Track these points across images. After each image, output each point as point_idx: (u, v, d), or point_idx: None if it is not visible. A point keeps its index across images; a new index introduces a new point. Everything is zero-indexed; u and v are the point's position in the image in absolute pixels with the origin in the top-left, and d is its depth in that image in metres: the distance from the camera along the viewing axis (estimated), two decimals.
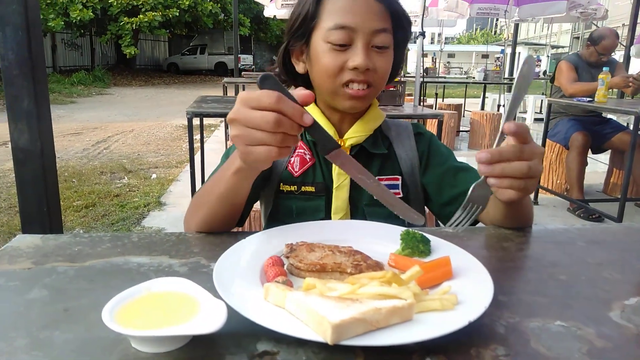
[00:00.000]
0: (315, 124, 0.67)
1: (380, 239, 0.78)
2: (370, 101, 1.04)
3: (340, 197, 1.02)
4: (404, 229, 0.77)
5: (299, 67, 1.05)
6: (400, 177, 1.08)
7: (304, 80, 1.06)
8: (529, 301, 0.63)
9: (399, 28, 0.99)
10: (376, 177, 1.05)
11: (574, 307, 0.62)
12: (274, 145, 0.65)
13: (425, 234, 0.75)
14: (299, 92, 0.67)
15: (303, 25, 0.98)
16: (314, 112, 1.05)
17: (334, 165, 1.02)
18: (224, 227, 0.89)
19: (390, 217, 0.84)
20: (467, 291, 0.60)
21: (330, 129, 1.04)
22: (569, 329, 0.57)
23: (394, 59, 1.02)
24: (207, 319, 0.51)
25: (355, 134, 1.04)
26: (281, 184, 1.05)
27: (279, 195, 1.05)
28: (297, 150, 1.07)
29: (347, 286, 0.58)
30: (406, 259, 0.70)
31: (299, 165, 1.05)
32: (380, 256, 0.72)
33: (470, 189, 0.76)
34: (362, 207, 1.03)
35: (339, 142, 1.03)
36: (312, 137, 0.71)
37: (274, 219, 1.06)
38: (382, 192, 0.75)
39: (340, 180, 1.03)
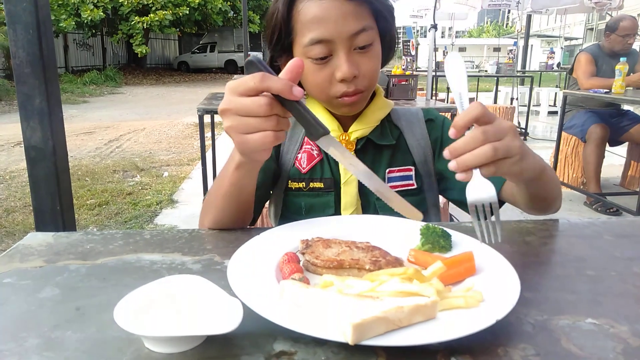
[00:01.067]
0: (301, 107, 0.64)
1: (398, 234, 0.76)
2: (366, 100, 0.99)
3: (349, 192, 0.99)
4: (422, 223, 0.74)
5: None
6: (413, 167, 1.04)
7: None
8: (556, 298, 0.61)
9: (381, 17, 0.93)
10: (388, 169, 1.02)
11: (605, 304, 0.59)
12: (269, 129, 0.64)
13: (445, 229, 0.72)
14: (289, 65, 0.64)
15: (280, 42, 0.93)
16: (314, 106, 1.02)
17: None
18: (235, 224, 0.88)
19: None
20: (492, 288, 0.57)
21: (333, 123, 1.01)
22: (601, 327, 0.54)
23: (385, 41, 0.97)
24: (223, 318, 0.49)
25: (360, 127, 1.01)
26: (289, 181, 1.02)
27: (288, 192, 1.03)
28: (304, 146, 1.04)
29: (366, 283, 0.56)
30: (427, 255, 0.67)
31: (307, 162, 1.02)
32: (399, 252, 0.69)
33: (466, 191, 0.67)
34: (373, 201, 1.00)
35: (344, 136, 1.00)
36: (300, 122, 0.66)
37: (283, 217, 1.04)
38: (377, 184, 0.70)
39: (347, 175, 1.00)
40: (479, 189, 0.65)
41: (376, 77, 0.96)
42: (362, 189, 1.00)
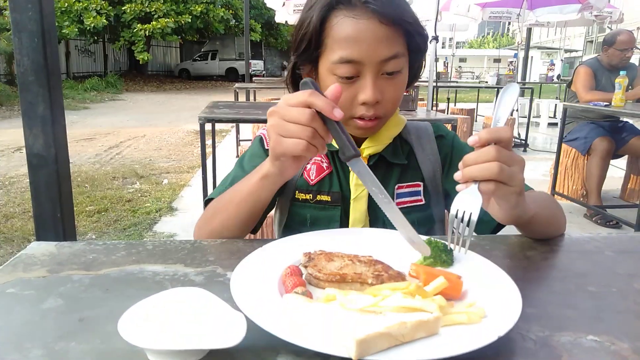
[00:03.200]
0: (340, 127, 0.70)
1: (400, 248, 0.76)
2: (380, 128, 0.99)
3: (358, 208, 0.99)
4: (425, 237, 0.75)
5: None
6: (421, 183, 1.04)
7: None
8: (558, 314, 0.61)
9: (414, 46, 0.92)
10: (397, 185, 1.02)
11: (606, 320, 0.60)
12: (303, 138, 0.69)
13: (447, 243, 0.73)
14: (330, 89, 0.70)
15: (308, 52, 0.92)
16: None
17: (351, 176, 1.00)
18: (238, 234, 0.89)
19: (412, 226, 0.82)
20: (494, 303, 0.58)
21: None
22: (602, 344, 0.54)
23: (411, 71, 0.97)
24: (226, 332, 0.50)
25: (373, 144, 1.00)
26: (297, 191, 1.02)
27: (294, 202, 1.03)
28: (314, 158, 1.04)
29: (368, 298, 0.56)
30: (428, 269, 0.68)
31: (316, 173, 1.02)
32: (401, 265, 0.69)
33: (455, 196, 0.69)
34: (382, 217, 1.00)
35: None
36: (335, 140, 0.70)
37: (287, 227, 1.04)
38: (393, 212, 0.72)
39: (358, 191, 0.99)
40: (467, 198, 0.68)
41: (397, 104, 0.95)
42: (372, 205, 1.00)
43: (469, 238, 0.68)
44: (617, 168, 4.76)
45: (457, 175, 0.67)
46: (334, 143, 1.03)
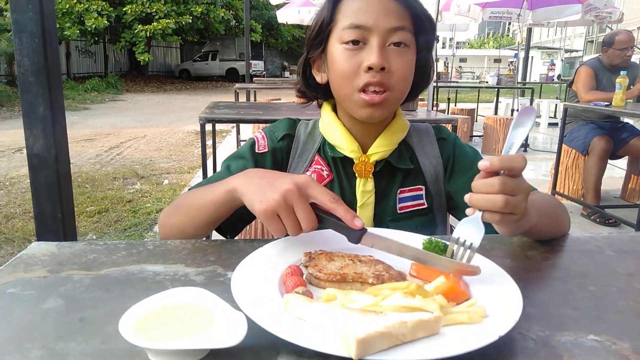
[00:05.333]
0: (336, 217, 0.69)
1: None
2: (389, 109, 0.96)
3: (364, 215, 0.98)
4: (425, 237, 0.74)
5: (319, 78, 1.00)
6: (424, 186, 1.03)
7: (325, 92, 1.02)
8: (559, 314, 0.61)
9: (421, 30, 0.94)
10: (399, 189, 1.01)
11: (607, 320, 0.60)
12: (288, 228, 0.70)
13: (448, 243, 0.73)
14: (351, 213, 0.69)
15: (320, 32, 0.94)
16: (335, 125, 1.00)
17: (358, 182, 0.98)
18: (188, 238, 0.88)
19: (415, 230, 0.82)
20: (495, 303, 0.58)
21: (353, 144, 0.98)
22: (603, 343, 0.54)
23: (420, 64, 0.97)
24: (226, 332, 0.50)
25: (380, 149, 0.98)
26: None
27: None
28: (313, 166, 1.02)
29: (369, 297, 0.56)
30: (429, 269, 0.68)
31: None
32: (401, 265, 0.69)
33: (458, 223, 0.69)
34: (386, 221, 0.99)
35: (363, 158, 0.98)
36: (338, 231, 0.70)
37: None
38: (418, 253, 0.68)
39: (365, 198, 0.98)
40: (470, 227, 0.67)
41: (407, 80, 0.94)
42: (377, 211, 0.99)
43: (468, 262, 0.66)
44: (619, 168, 4.76)
45: (466, 197, 0.67)
46: (334, 148, 1.02)
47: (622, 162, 4.63)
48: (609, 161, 4.15)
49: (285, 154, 1.04)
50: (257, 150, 1.02)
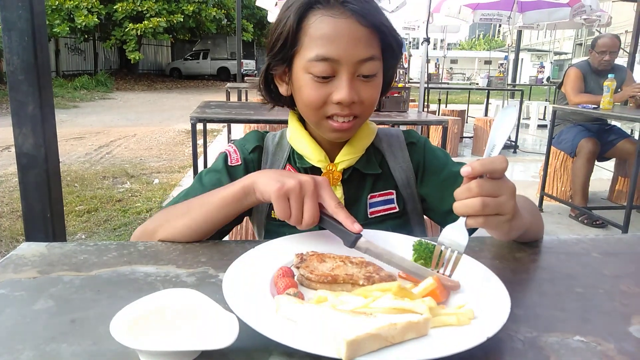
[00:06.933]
0: (334, 219, 0.74)
1: (391, 249, 0.77)
2: (355, 131, 0.96)
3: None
4: (415, 239, 0.75)
5: (282, 89, 0.97)
6: (394, 191, 1.03)
7: (290, 102, 0.99)
8: (546, 315, 0.62)
9: (389, 52, 0.91)
10: (369, 194, 1.01)
11: (593, 321, 0.61)
12: (295, 215, 0.74)
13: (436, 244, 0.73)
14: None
15: (283, 51, 0.89)
16: (302, 136, 1.00)
17: (335, 190, 0.98)
18: (190, 241, 0.86)
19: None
20: (483, 305, 0.59)
21: (320, 153, 0.98)
22: (588, 344, 0.55)
23: (385, 79, 0.95)
24: (218, 333, 0.50)
25: (346, 157, 0.98)
26: (272, 211, 0.99)
27: (271, 222, 1.01)
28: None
29: (360, 299, 0.57)
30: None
31: None
32: (391, 267, 0.70)
33: (443, 229, 0.68)
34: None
35: (330, 167, 0.98)
36: (334, 232, 0.74)
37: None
38: (404, 262, 0.70)
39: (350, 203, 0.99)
40: (453, 234, 0.66)
41: (373, 106, 0.93)
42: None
43: (450, 275, 0.66)
44: (606, 170, 4.82)
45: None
46: (302, 158, 1.01)
47: (610, 164, 4.69)
48: (597, 163, 4.21)
49: (256, 165, 1.03)
50: (230, 164, 1.01)
